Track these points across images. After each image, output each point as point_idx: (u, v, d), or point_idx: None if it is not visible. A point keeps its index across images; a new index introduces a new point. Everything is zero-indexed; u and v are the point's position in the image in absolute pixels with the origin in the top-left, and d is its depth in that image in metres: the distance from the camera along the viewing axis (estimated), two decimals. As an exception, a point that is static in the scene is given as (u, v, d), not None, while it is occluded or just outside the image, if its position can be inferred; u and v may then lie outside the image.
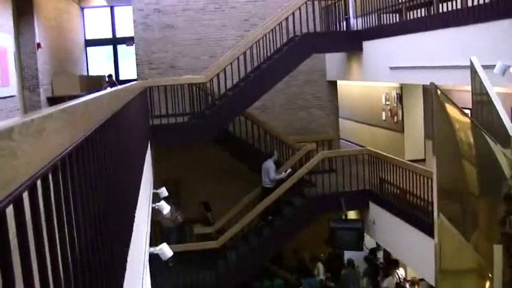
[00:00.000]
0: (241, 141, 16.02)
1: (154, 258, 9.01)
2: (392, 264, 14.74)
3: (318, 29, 15.06)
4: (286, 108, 17.75)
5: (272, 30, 14.43)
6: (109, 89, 5.76)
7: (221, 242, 14.12)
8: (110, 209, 3.44)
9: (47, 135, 1.75)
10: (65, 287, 1.94)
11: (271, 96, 17.05)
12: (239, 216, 15.11)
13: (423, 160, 15.76)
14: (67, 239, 2.05)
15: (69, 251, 2.06)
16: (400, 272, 14.61)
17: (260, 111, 17.33)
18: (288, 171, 14.62)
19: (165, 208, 10.84)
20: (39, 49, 16.06)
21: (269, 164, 14.71)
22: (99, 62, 24.76)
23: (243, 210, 15.39)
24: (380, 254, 16.29)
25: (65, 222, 2.04)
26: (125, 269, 4.00)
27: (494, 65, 8.27)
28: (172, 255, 9.35)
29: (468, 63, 6.01)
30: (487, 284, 4.93)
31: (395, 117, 17.78)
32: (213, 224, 15.86)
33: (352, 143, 20.64)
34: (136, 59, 17.21)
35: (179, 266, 14.08)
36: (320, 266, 15.83)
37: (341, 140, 18.84)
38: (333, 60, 17.16)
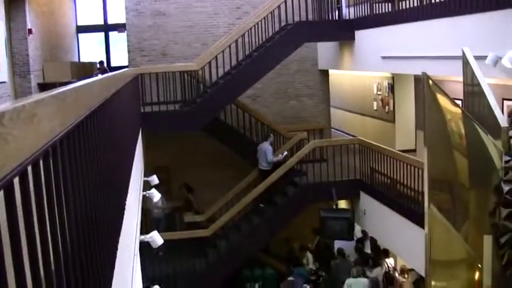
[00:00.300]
0: (232, 129, 16.01)
1: (144, 247, 9.01)
2: (381, 253, 14.80)
3: (310, 17, 15.04)
4: (277, 97, 17.74)
5: (264, 18, 14.40)
6: (100, 76, 5.74)
7: (212, 231, 14.15)
8: (101, 196, 3.43)
9: (38, 121, 1.74)
10: (55, 273, 1.93)
11: (262, 85, 17.03)
12: (230, 205, 15.12)
13: (414, 150, 15.80)
14: (57, 225, 2.04)
15: (59, 238, 2.05)
16: (390, 261, 14.67)
17: (251, 100, 17.31)
18: (284, 154, 14.70)
19: (156, 196, 10.85)
20: (30, 35, 15.96)
21: (265, 146, 14.74)
22: (90, 49, 24.64)
23: (234, 198, 15.40)
24: (367, 244, 16.34)
25: (56, 208, 2.03)
26: (115, 257, 3.99)
27: (486, 56, 8.29)
28: (162, 244, 9.36)
29: (460, 54, 6.01)
30: (477, 274, 4.95)
31: (386, 107, 17.80)
32: (196, 209, 15.87)
33: (343, 132, 20.66)
34: (127, 46, 17.14)
35: (169, 255, 14.10)
36: (309, 255, 15.87)
37: (332, 130, 18.86)
38: (324, 49, 17.14)
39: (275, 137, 16.09)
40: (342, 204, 16.62)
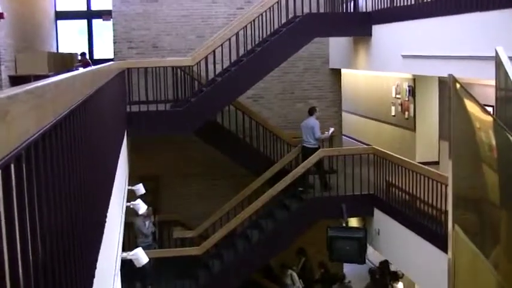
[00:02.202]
0: (230, 134, 16.00)
1: (126, 265, 8.98)
2: (390, 277, 14.82)
3: (322, 9, 15.03)
4: (282, 99, 17.73)
5: (270, 8, 14.40)
6: (82, 70, 5.72)
7: (204, 249, 14.11)
8: (78, 207, 3.41)
9: (10, 120, 1.71)
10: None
11: (265, 84, 17.02)
12: (225, 219, 15.09)
13: (437, 163, 15.77)
14: (28, 240, 2.01)
15: (30, 255, 2.02)
16: (400, 286, 14.69)
17: (252, 101, 17.30)
18: (331, 131, 14.96)
19: (142, 208, 10.83)
20: (1, 20, 15.93)
21: (313, 122, 14.84)
22: (70, 38, 24.65)
23: (231, 212, 15.37)
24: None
25: (27, 220, 2.00)
26: (93, 277, 3.97)
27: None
28: (151, 269, 9.34)
29: (493, 54, 5.99)
30: (507, 306, 4.92)
31: (406, 113, 17.78)
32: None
33: (356, 140, 20.63)
34: (113, 36, 17.13)
35: (154, 275, 14.06)
36: (294, 274, 15.87)
37: (343, 137, 18.84)
38: (337, 46, 17.12)
39: (278, 143, 16.08)
40: (353, 222, 16.60)
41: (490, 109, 6.36)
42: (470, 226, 5.86)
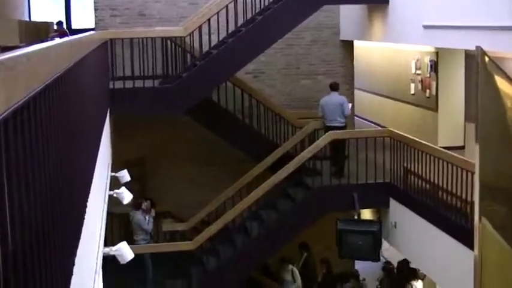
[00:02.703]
0: (227, 114, 15.98)
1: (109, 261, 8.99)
2: (409, 275, 14.89)
3: (332, -28, 14.99)
4: (286, 74, 17.70)
5: (273, -29, 14.36)
6: (58, 40, 5.70)
7: (197, 243, 14.12)
8: (54, 196, 3.40)
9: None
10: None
11: (267, 58, 17.00)
12: (222, 210, 15.10)
13: (462, 148, 15.76)
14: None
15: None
16: (418, 285, 14.77)
17: (252, 77, 17.27)
18: (350, 106, 15.16)
19: (126, 197, 10.82)
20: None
21: (341, 98, 15.00)
22: (45, 5, 24.57)
23: (228, 202, 15.38)
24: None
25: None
26: (71, 275, 3.96)
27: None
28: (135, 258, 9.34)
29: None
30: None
31: (427, 91, 17.75)
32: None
33: (370, 121, 20.61)
34: (94, 3, 17.08)
35: (141, 272, 14.09)
36: (295, 269, 15.94)
37: (356, 118, 18.82)
38: (349, 15, 17.07)
39: (281, 125, 16.07)
40: (366, 214, 16.61)
41: (522, 86, 6.33)
42: (499, 219, 5.86)
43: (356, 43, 18.20)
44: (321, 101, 15.04)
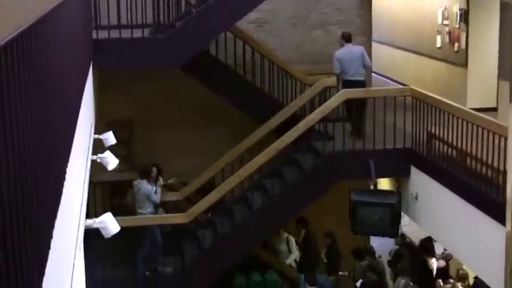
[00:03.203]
0: (227, 69, 15.93)
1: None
2: (422, 250, 15.03)
3: None
4: (293, 24, 17.62)
5: None
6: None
7: (191, 216, 14.14)
8: (27, 161, 3.39)
9: None
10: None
11: (272, 6, 16.91)
12: (220, 179, 15.11)
13: (494, 109, 15.72)
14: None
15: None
16: (434, 262, 14.91)
17: (256, 27, 17.19)
18: None
19: (111, 162, 10.83)
20: None
21: (360, 49, 15.14)
22: None
23: (226, 169, 15.39)
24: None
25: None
26: (48, 249, 3.97)
27: None
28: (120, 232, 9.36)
29: None
30: None
31: (456, 45, 17.68)
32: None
33: (389, 79, 20.56)
34: None
35: (128, 249, 14.13)
36: (291, 239, 16.05)
37: (374, 75, 18.76)
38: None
39: (289, 82, 16.03)
40: (384, 184, 16.62)
41: None
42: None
43: (375, -12, 18.13)
44: (337, 54, 14.97)
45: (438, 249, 16.54)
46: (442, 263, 15.68)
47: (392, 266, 16.75)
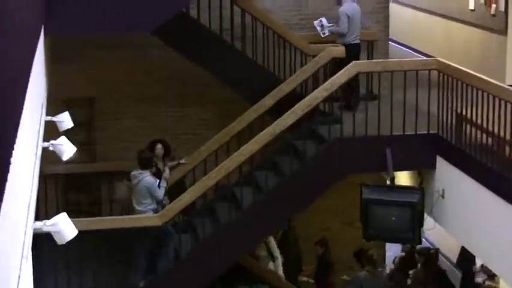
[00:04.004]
0: (211, 35, 15.91)
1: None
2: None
3: None
4: (292, -20, 17.63)
5: None
6: None
7: (165, 217, 14.12)
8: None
9: None
10: None
11: (267, -45, 16.93)
12: (201, 171, 15.11)
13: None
14: None
15: None
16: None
17: (247, -17, 17.18)
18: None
19: (67, 150, 10.77)
20: None
21: (358, 7, 15.75)
22: None
23: (210, 159, 15.39)
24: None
25: None
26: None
27: None
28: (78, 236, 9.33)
29: None
30: None
31: (492, 6, 17.68)
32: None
33: (410, 48, 20.58)
34: None
35: (87, 257, 14.14)
36: (272, 241, 16.15)
37: (391, 43, 18.75)
38: None
39: (286, 51, 16.01)
40: (403, 179, 16.63)
41: None
42: None
43: None
44: (347, 11, 15.51)
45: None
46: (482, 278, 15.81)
47: (393, 278, 16.85)
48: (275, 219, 14.46)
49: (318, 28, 15.89)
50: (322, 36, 15.80)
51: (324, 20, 15.80)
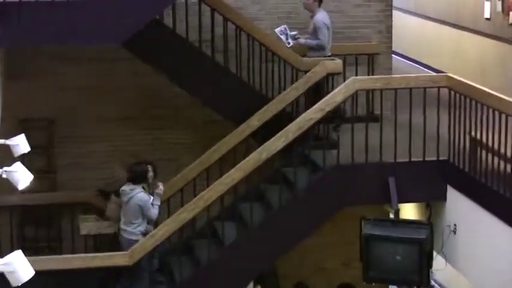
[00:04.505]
0: (189, 47, 15.92)
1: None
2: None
3: None
4: (283, -15, 17.69)
5: None
6: None
7: (135, 257, 14.08)
8: None
9: None
10: None
11: (255, -44, 16.98)
12: (177, 203, 15.08)
13: None
14: None
15: None
16: None
17: (229, -11, 17.22)
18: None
19: (22, 178, 10.72)
20: None
21: None
22: None
23: (187, 189, 15.37)
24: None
25: None
26: None
27: None
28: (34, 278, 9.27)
29: None
30: None
31: (510, 15, 17.74)
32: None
33: (416, 62, 20.62)
34: None
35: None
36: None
37: (395, 56, 18.78)
38: None
39: (275, 65, 16.03)
40: (409, 212, 16.63)
41: None
42: None
43: None
44: (324, 21, 15.77)
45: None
46: None
47: None
48: (261, 259, 14.42)
49: (283, 37, 15.89)
50: (288, 46, 15.80)
51: (287, 27, 15.84)
